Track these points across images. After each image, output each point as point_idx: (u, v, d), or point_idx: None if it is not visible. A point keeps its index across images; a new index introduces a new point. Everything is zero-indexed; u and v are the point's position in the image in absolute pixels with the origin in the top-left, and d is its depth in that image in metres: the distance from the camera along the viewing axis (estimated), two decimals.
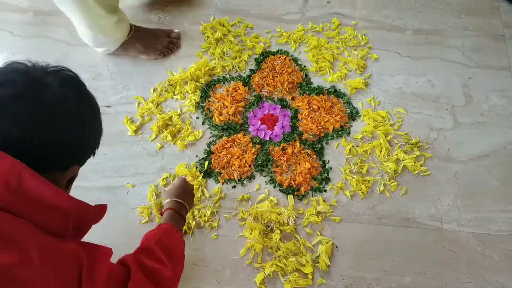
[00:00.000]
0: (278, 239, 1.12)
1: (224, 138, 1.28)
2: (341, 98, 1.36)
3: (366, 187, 1.20)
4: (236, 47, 1.45)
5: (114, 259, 1.10)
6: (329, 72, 1.40)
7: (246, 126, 1.31)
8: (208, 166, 1.24)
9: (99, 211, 0.65)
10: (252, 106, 1.34)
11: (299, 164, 1.23)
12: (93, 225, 1.15)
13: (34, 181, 0.56)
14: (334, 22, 1.50)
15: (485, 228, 1.15)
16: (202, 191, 1.20)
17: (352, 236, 1.14)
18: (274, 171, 1.23)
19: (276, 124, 1.31)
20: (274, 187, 1.22)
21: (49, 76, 0.61)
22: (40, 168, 0.57)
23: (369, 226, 1.16)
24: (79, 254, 0.58)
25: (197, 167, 1.24)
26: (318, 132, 1.28)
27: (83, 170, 1.28)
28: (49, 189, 0.57)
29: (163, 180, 1.22)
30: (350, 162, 1.24)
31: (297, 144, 1.26)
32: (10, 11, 1.58)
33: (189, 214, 1.16)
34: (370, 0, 1.57)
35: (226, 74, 1.41)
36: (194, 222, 1.15)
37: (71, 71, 0.66)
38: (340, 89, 1.37)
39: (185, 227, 1.14)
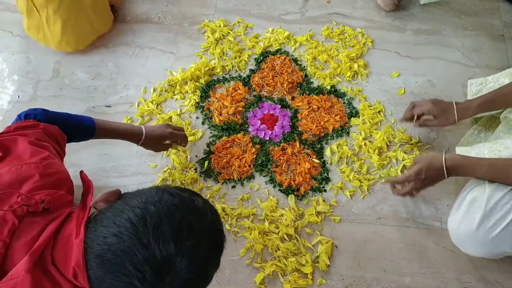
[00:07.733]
0: (278, 239, 1.12)
1: (224, 138, 1.28)
2: (341, 98, 1.36)
3: (366, 186, 1.20)
4: (236, 47, 1.45)
5: None
6: (329, 72, 1.40)
7: (246, 126, 1.31)
8: (208, 166, 1.24)
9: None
10: (252, 106, 1.34)
11: (299, 164, 1.23)
12: None
13: None
14: (334, 22, 1.50)
15: None
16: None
17: (352, 236, 1.14)
18: (274, 171, 1.23)
19: (276, 124, 1.31)
20: (274, 187, 1.22)
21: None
22: None
23: (369, 226, 1.16)
24: None
25: (195, 168, 1.24)
26: (318, 132, 1.28)
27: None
28: None
29: (161, 181, 1.22)
30: (349, 162, 1.24)
31: (297, 144, 1.26)
32: (10, 11, 1.58)
33: None
34: (370, 0, 1.57)
35: (226, 74, 1.41)
36: None
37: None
38: (340, 89, 1.37)
39: None
